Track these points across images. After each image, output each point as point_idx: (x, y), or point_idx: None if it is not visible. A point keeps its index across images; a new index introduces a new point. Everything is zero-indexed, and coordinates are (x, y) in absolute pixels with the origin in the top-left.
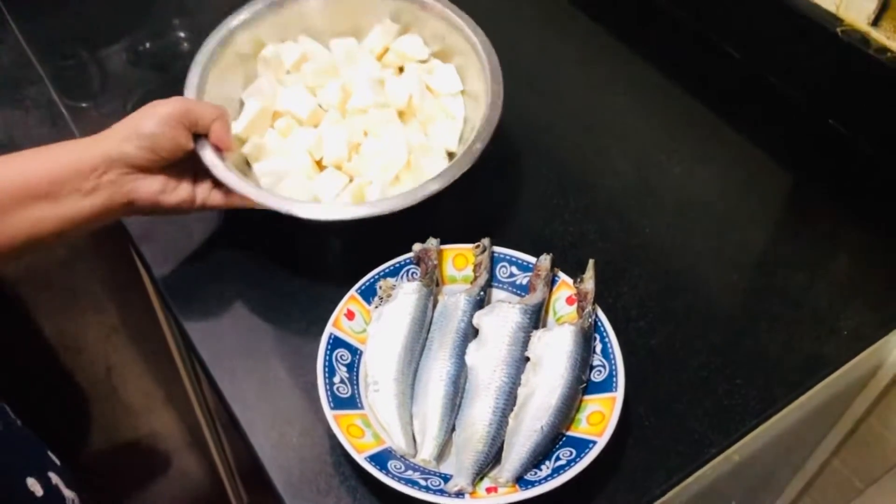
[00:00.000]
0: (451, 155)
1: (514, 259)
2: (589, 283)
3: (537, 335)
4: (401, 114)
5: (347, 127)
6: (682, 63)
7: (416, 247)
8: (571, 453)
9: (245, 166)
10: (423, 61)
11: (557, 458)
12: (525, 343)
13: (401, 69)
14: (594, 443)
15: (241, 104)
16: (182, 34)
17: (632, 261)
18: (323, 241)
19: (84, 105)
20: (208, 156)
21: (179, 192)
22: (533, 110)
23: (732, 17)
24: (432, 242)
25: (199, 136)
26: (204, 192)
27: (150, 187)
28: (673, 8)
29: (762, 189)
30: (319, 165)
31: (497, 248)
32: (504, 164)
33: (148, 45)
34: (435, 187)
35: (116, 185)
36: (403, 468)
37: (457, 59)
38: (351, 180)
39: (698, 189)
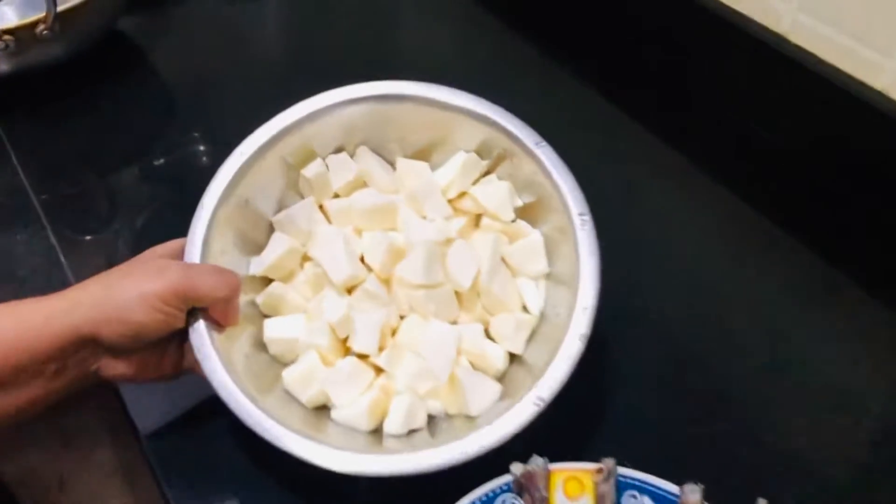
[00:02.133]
0: (513, 357)
1: (647, 486)
2: None
3: None
4: (460, 294)
5: (386, 307)
6: (809, 218)
7: (517, 469)
8: None
9: (254, 310)
10: (509, 223)
11: None
12: None
13: (478, 217)
14: None
15: (271, 227)
16: (202, 147)
17: (788, 477)
18: None
19: (88, 238)
20: (204, 353)
21: (161, 366)
22: (632, 269)
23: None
24: (538, 462)
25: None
26: (193, 359)
27: (125, 368)
28: (796, 151)
29: None
30: (343, 344)
31: (622, 471)
32: (609, 342)
33: (163, 160)
34: (473, 449)
35: (85, 364)
36: None
37: (547, 225)
38: (378, 373)
39: (851, 375)
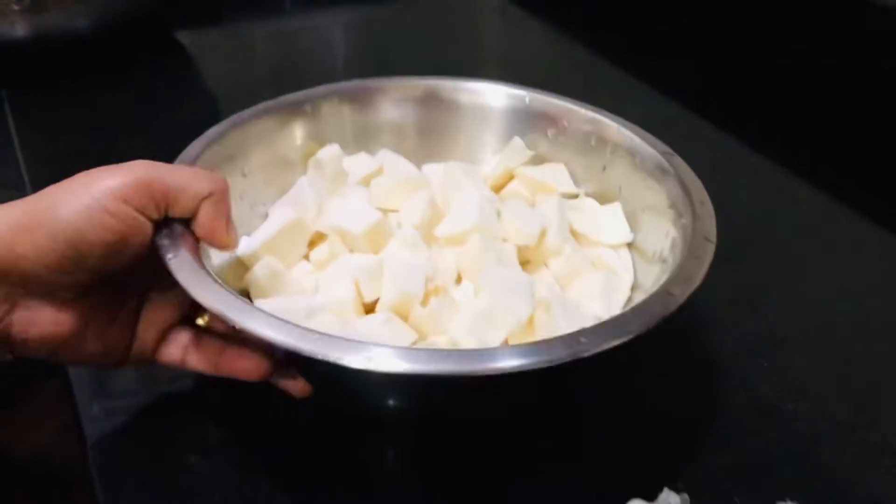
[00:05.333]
0: None
1: None
2: None
3: None
4: (523, 259)
5: (428, 256)
6: None
7: None
8: None
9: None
10: (571, 196)
11: None
12: None
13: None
14: None
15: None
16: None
17: None
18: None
19: None
20: (182, 265)
21: (106, 334)
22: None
23: None
24: (673, 501)
25: (169, 222)
26: (176, 343)
27: (52, 325)
28: None
29: None
30: (370, 311)
31: None
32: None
33: None
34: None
35: None
36: None
37: (629, 202)
38: (423, 338)
39: None
